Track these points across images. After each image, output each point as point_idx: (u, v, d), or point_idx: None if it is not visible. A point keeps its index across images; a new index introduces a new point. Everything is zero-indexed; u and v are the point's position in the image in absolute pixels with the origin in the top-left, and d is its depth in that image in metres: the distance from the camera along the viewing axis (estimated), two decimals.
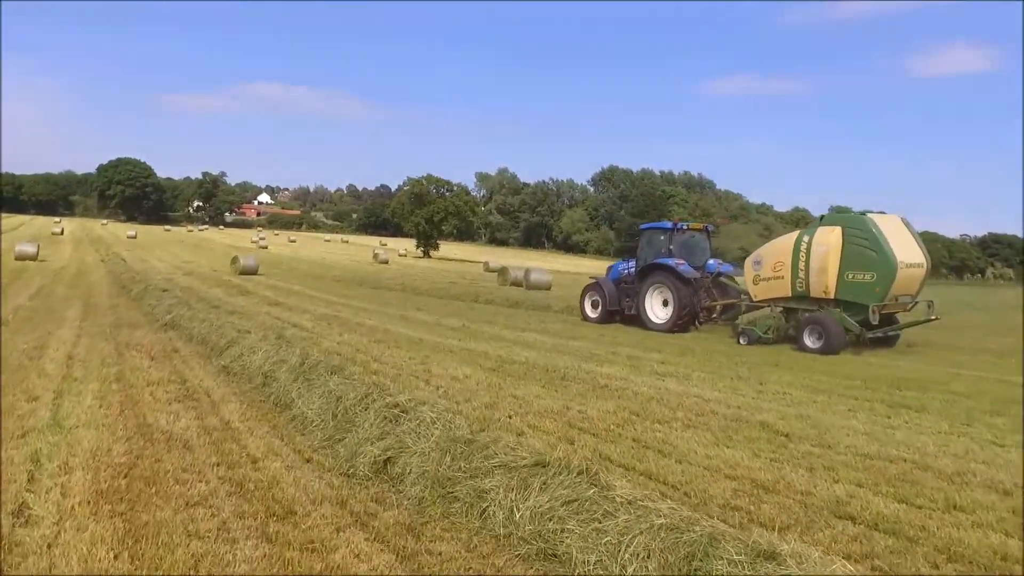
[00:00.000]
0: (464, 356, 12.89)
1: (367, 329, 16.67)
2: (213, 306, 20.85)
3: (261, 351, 10.60)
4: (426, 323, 18.34)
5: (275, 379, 9.25)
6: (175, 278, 31.96)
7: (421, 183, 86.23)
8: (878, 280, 13.79)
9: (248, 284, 30.43)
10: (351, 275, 40.38)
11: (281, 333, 12.53)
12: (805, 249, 14.76)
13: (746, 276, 16.53)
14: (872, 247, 13.87)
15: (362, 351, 13.08)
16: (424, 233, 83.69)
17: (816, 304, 14.91)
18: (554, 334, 16.75)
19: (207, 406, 8.66)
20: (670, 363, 12.73)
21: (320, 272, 41.81)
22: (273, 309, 20.57)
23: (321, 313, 19.85)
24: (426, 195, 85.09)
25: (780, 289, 15.40)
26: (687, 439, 7.48)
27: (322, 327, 16.69)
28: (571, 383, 10.57)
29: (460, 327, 17.48)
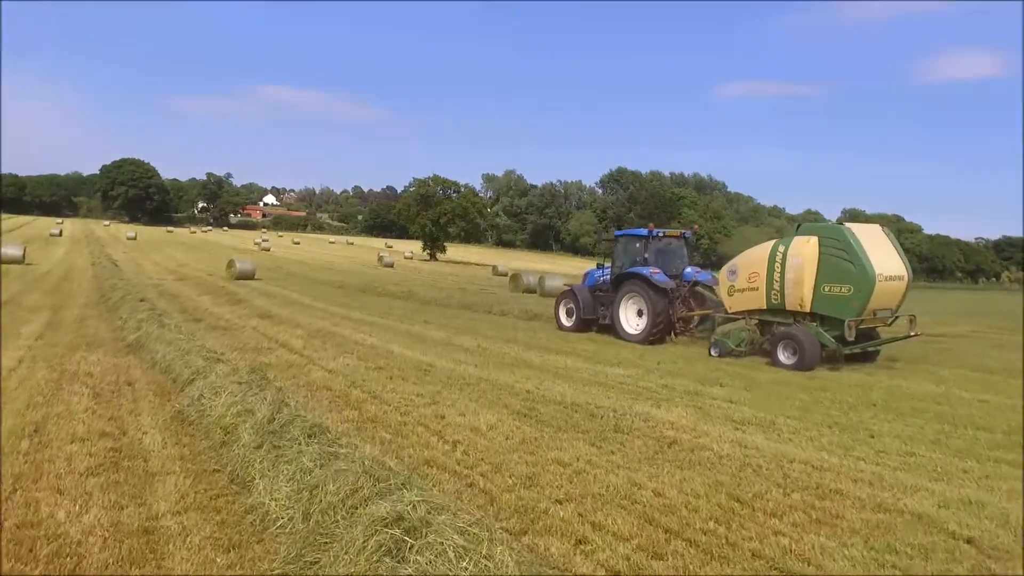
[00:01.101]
0: (484, 391, 10.46)
1: (366, 350, 14.27)
2: (195, 319, 18.60)
3: (226, 392, 8.18)
4: (436, 341, 15.92)
5: (236, 438, 6.84)
6: (164, 284, 29.69)
7: (427, 184, 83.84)
8: (855, 293, 13.10)
9: (241, 291, 28.07)
10: (354, 280, 38.01)
11: (255, 366, 10.03)
12: (780, 259, 14.05)
13: (721, 286, 15.84)
14: (849, 258, 13.16)
15: (358, 384, 10.66)
16: (430, 235, 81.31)
17: (791, 317, 14.23)
18: (587, 357, 14.30)
19: (136, 482, 6.25)
20: (740, 401, 10.27)
21: (321, 277, 39.42)
22: (262, 323, 18.20)
23: (316, 328, 17.46)
24: (432, 196, 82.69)
25: (755, 301, 14.72)
26: (831, 553, 5.03)
27: (314, 347, 14.29)
28: (628, 436, 8.13)
29: (475, 348, 15.06)
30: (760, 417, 9.28)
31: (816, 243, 13.64)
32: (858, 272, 13.04)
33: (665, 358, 14.36)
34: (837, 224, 13.99)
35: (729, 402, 10.19)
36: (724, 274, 15.61)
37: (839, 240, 13.36)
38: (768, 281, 14.31)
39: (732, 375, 12.56)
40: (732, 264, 15.53)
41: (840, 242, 13.33)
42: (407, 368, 12.31)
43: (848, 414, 9.65)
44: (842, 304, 13.28)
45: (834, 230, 13.77)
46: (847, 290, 13.18)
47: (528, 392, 10.50)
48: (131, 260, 46.41)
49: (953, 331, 23.12)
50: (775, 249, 14.31)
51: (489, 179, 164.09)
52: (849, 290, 13.17)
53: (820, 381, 12.25)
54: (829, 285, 13.43)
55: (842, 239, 13.33)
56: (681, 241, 18.25)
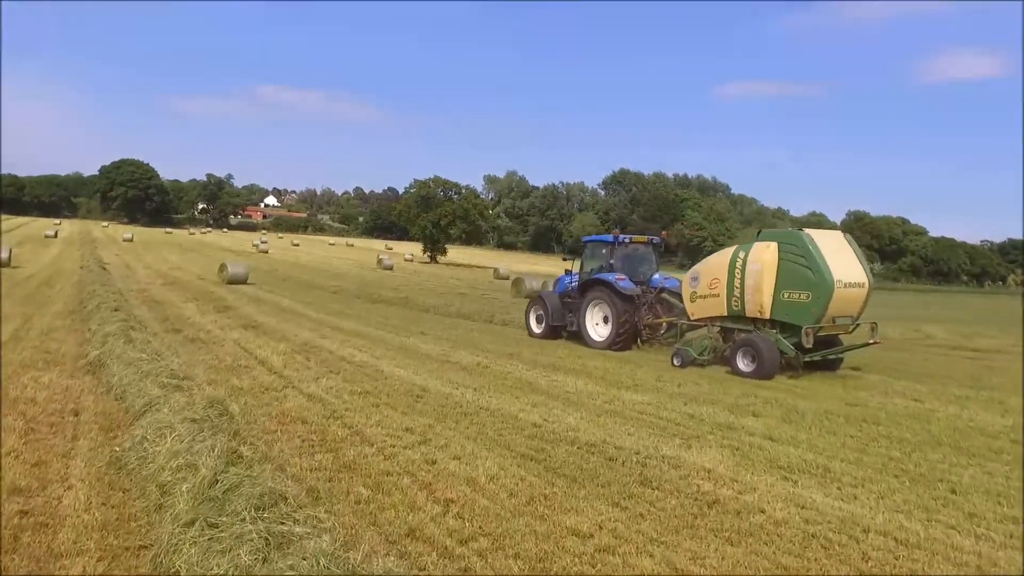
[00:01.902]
0: (484, 426, 9.04)
1: (354, 369, 12.85)
2: (174, 329, 17.20)
3: (173, 435, 6.76)
4: (431, 357, 14.50)
5: (170, 503, 5.42)
6: (151, 289, 28.27)
7: (428, 185, 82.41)
8: (813, 300, 12.91)
9: (231, 296, 26.68)
10: (350, 285, 36.59)
11: (214, 398, 8.55)
12: (740, 266, 13.88)
13: (684, 293, 15.63)
14: (808, 265, 12.97)
15: (338, 415, 9.24)
16: (431, 237, 79.85)
17: (752, 324, 14.00)
18: (599, 377, 12.87)
19: (33, 568, 4.83)
20: (782, 439, 8.84)
21: (316, 281, 37.99)
22: (245, 335, 16.79)
23: (302, 341, 16.05)
24: (433, 198, 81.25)
25: (716, 308, 14.55)
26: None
27: (296, 365, 12.88)
28: (659, 492, 6.71)
29: (474, 366, 13.64)
30: (810, 461, 7.85)
31: (776, 249, 13.40)
32: (817, 279, 12.80)
33: (686, 380, 12.92)
34: (797, 230, 13.71)
35: (769, 439, 8.76)
36: (687, 280, 15.38)
37: (798, 246, 13.12)
38: (729, 288, 14.08)
39: (765, 402, 11.12)
40: (694, 270, 15.30)
41: (799, 248, 13.09)
42: (397, 392, 10.89)
43: (912, 456, 8.22)
44: (801, 311, 13.03)
45: (793, 236, 13.50)
46: (806, 297, 12.96)
47: (535, 426, 9.07)
48: (122, 263, 45.00)
49: (988, 345, 21.58)
50: (735, 255, 14.03)
51: (491, 180, 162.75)
52: (808, 297, 12.94)
53: (866, 410, 10.82)
54: (788, 292, 13.20)
55: (801, 245, 13.08)
56: (649, 247, 17.98)
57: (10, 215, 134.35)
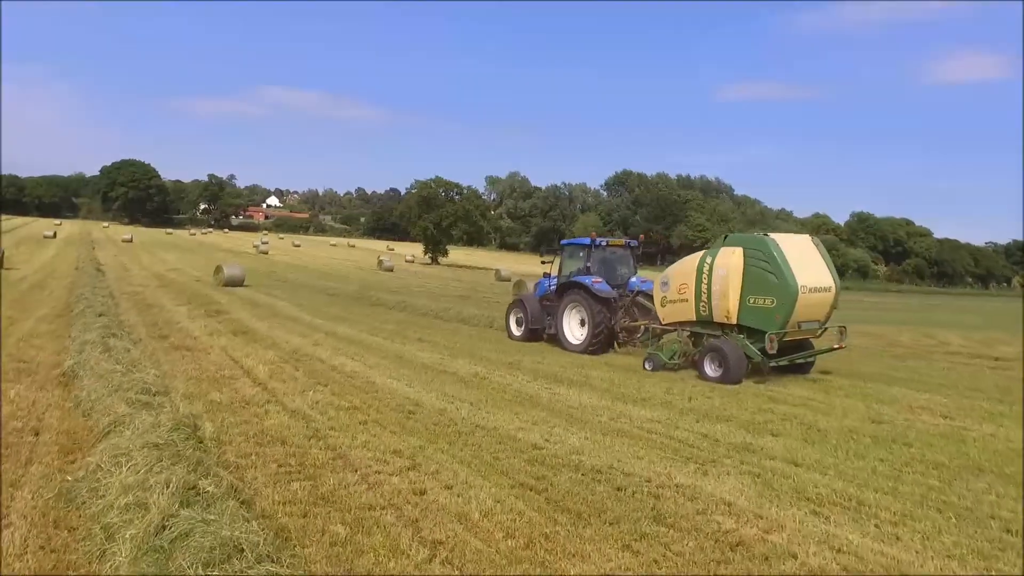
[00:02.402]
0: (480, 447, 8.28)
1: (344, 380, 12.11)
2: (160, 336, 16.48)
3: (130, 464, 6.03)
4: (427, 367, 13.75)
5: (113, 551, 4.67)
6: (144, 291, 27.55)
7: (429, 186, 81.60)
8: (778, 305, 12.89)
9: (225, 299, 25.96)
10: (349, 287, 35.87)
11: (180, 421, 7.73)
12: (708, 271, 13.89)
13: (655, 297, 15.61)
14: (772, 270, 12.95)
15: (321, 435, 8.49)
16: (432, 238, 79.10)
17: (720, 329, 14.00)
18: (604, 390, 12.11)
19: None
20: (807, 463, 8.05)
21: (315, 283, 37.25)
22: (233, 341, 16.06)
23: (292, 348, 15.33)
24: (434, 199, 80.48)
25: (685, 312, 14.55)
26: None
27: (283, 376, 12.14)
28: (674, 531, 5.94)
29: (472, 376, 12.89)
30: (840, 491, 7.08)
31: (741, 255, 13.41)
32: (780, 284, 12.79)
33: (696, 393, 12.15)
34: (762, 236, 13.61)
35: (792, 464, 7.98)
36: (658, 285, 15.42)
37: (762, 251, 13.12)
38: (697, 293, 14.12)
39: (783, 418, 10.35)
40: (665, 275, 15.34)
41: (763, 253, 13.08)
42: (388, 407, 10.13)
43: (953, 486, 7.44)
44: (766, 316, 13.06)
45: (758, 242, 13.43)
46: (770, 302, 12.97)
47: (535, 448, 8.31)
48: (119, 264, 44.30)
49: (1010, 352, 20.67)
50: (703, 261, 14.08)
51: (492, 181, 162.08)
52: (772, 302, 12.94)
53: (893, 429, 10.03)
54: (754, 297, 13.22)
55: (765, 251, 13.07)
56: (627, 251, 18.02)
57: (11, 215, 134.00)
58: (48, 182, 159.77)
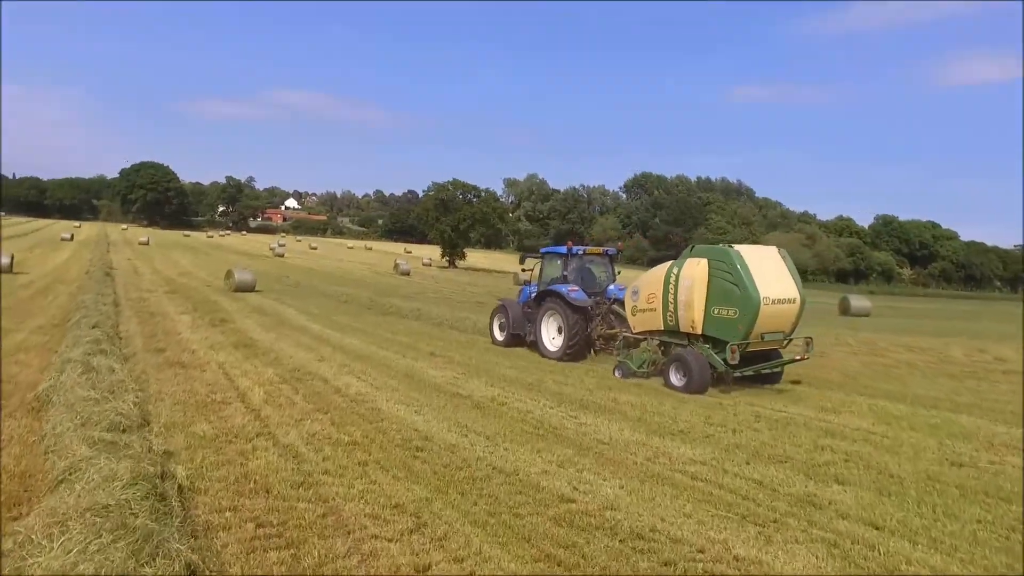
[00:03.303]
0: (498, 497, 7.04)
1: (347, 405, 10.92)
2: (156, 349, 15.41)
3: (59, 541, 4.84)
4: (439, 389, 12.54)
5: None
6: (151, 297, 26.58)
7: (447, 188, 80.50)
8: (740, 316, 13.01)
9: (233, 306, 24.93)
10: (363, 293, 34.75)
11: (141, 475, 6.47)
12: (674, 281, 14.04)
13: (626, 306, 15.66)
14: (734, 281, 13.08)
15: (313, 482, 7.29)
16: (450, 241, 78.00)
17: (686, 339, 14.12)
18: (635, 419, 10.81)
19: None
20: (886, 526, 6.70)
21: (328, 289, 36.14)
22: (233, 356, 14.96)
23: (295, 364, 14.19)
24: (452, 201, 79.39)
25: (653, 322, 14.68)
26: None
27: (280, 400, 10.98)
28: None
29: (489, 401, 11.65)
30: (941, 569, 5.75)
31: (706, 265, 13.54)
32: (743, 295, 12.89)
33: (740, 423, 10.82)
34: (726, 247, 13.67)
35: (872, 526, 6.65)
36: (628, 294, 15.49)
37: (725, 262, 13.23)
38: (664, 302, 14.25)
39: (846, 458, 9.00)
40: (635, 284, 15.40)
41: (727, 264, 13.20)
42: (392, 443, 8.92)
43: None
44: (729, 327, 13.17)
45: (721, 253, 13.52)
46: (733, 313, 13.08)
47: (563, 500, 7.04)
48: (131, 267, 43.54)
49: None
50: (670, 271, 14.19)
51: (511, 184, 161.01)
52: (735, 313, 13.04)
53: (981, 475, 8.61)
54: (718, 308, 13.35)
55: (728, 262, 13.18)
56: (605, 259, 18.25)
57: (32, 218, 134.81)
58: (69, 184, 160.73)
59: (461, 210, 77.36)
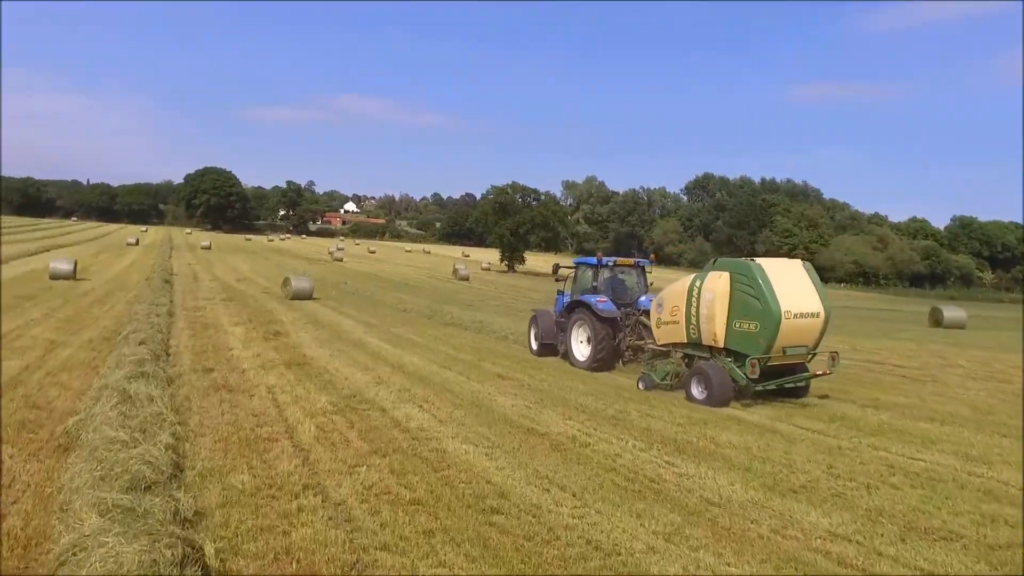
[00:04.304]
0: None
1: (408, 443, 9.56)
2: (204, 368, 14.41)
3: None
4: (511, 423, 11.10)
5: None
6: (207, 306, 25.87)
7: (506, 191, 79.33)
8: (761, 330, 12.89)
9: (288, 316, 24.01)
10: (422, 301, 33.59)
11: (158, 559, 5.23)
12: (696, 294, 14.02)
13: (651, 318, 15.65)
14: (755, 295, 12.96)
15: (368, 561, 5.90)
16: (509, 245, 76.74)
17: (709, 352, 14.03)
18: (742, 467, 9.16)
19: None
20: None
21: (386, 297, 35.09)
22: (285, 377, 13.83)
23: (351, 389, 12.94)
24: (511, 204, 78.11)
25: (677, 334, 14.64)
26: None
27: (332, 438, 9.69)
28: None
29: (571, 440, 10.14)
30: None
31: (728, 279, 13.46)
32: (763, 309, 12.77)
33: (872, 475, 9.03)
34: (748, 260, 13.58)
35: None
36: (654, 306, 15.46)
37: (747, 276, 13.14)
38: (687, 315, 14.21)
39: (944, 497, 7.21)
40: (660, 296, 15.38)
41: (748, 278, 13.11)
42: (463, 502, 7.48)
43: None
44: (750, 341, 13.06)
45: (743, 266, 13.43)
46: (754, 327, 12.96)
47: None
48: (191, 273, 43.39)
49: None
50: (693, 283, 14.17)
51: (569, 186, 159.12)
52: (756, 327, 12.93)
53: None
54: (739, 321, 13.25)
55: (749, 275, 13.08)
56: (637, 270, 18.34)
57: (102, 222, 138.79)
58: (137, 190, 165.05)
59: (520, 213, 76.05)
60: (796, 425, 11.72)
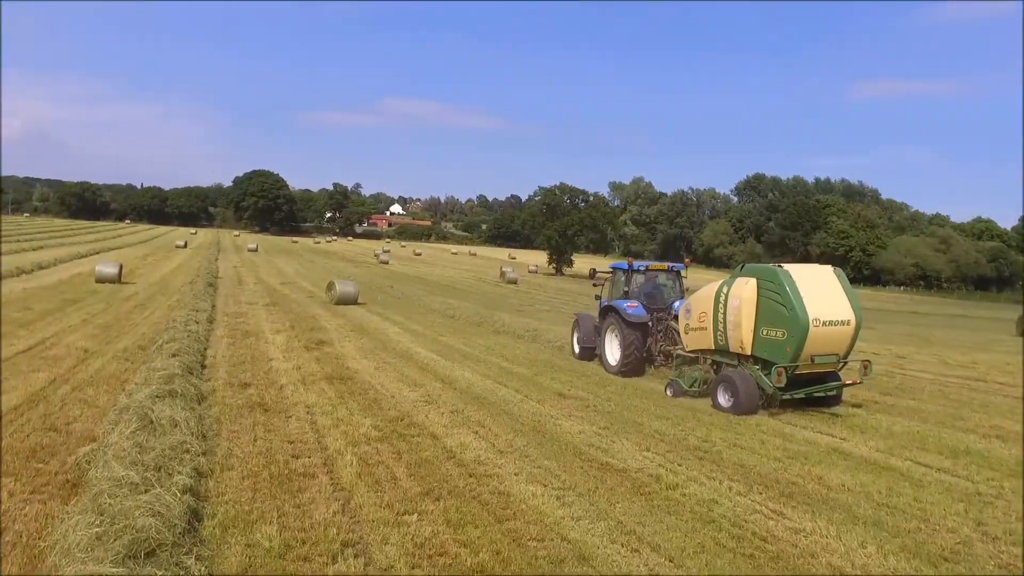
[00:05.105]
0: None
1: (465, 482, 8.19)
2: (241, 384, 13.25)
3: None
4: (580, 454, 9.66)
5: None
6: (250, 311, 24.95)
7: (554, 193, 77.79)
8: (787, 338, 12.54)
9: (333, 323, 22.93)
10: (470, 306, 32.25)
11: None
12: (723, 300, 13.73)
13: (680, 324, 15.51)
14: (782, 302, 12.62)
15: None
16: (557, 247, 75.19)
17: (736, 359, 13.74)
18: (870, 520, 7.54)
19: None
20: None
21: (434, 303, 33.79)
22: (327, 395, 12.61)
23: (398, 411, 11.63)
24: (559, 206, 76.56)
25: (705, 341, 14.42)
26: None
27: (376, 474, 8.36)
28: None
29: (653, 481, 8.64)
30: None
31: (755, 285, 13.25)
32: (790, 316, 12.53)
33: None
34: (775, 267, 13.35)
35: None
36: (682, 312, 15.34)
37: (773, 283, 12.92)
38: (714, 321, 14.00)
39: None
40: (687, 302, 15.29)
41: (774, 284, 12.89)
42: (536, 566, 6.05)
43: None
44: (777, 348, 12.82)
45: (770, 273, 13.21)
46: (781, 334, 12.74)
47: None
48: (236, 276, 42.82)
49: None
50: (720, 290, 13.94)
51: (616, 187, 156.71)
52: (783, 334, 12.71)
53: None
54: (766, 328, 13.01)
55: (776, 282, 12.85)
56: (671, 275, 18.35)
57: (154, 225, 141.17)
58: (188, 193, 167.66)
59: (569, 215, 74.45)
60: (914, 461, 10.03)
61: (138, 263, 48.41)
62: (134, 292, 30.54)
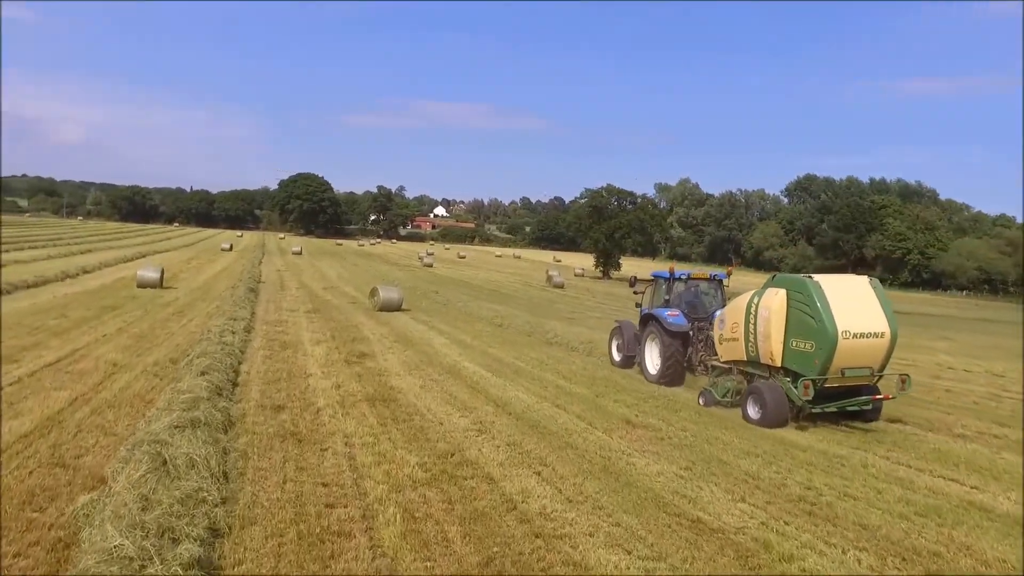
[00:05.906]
0: None
1: (530, 541, 6.80)
2: (273, 406, 12.01)
3: None
4: (662, 502, 8.14)
5: None
6: (289, 319, 23.86)
7: (601, 195, 75.99)
8: (816, 350, 12.32)
9: (375, 333, 21.70)
10: (518, 313, 30.78)
11: None
12: (754, 311, 13.57)
13: (714, 334, 15.32)
14: (811, 313, 12.41)
15: None
16: (604, 250, 73.38)
17: (767, 371, 13.52)
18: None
19: None
20: None
21: (479, 307, 32.43)
22: (367, 421, 11.30)
23: (447, 445, 10.24)
24: (606, 208, 74.74)
25: (737, 351, 14.21)
26: None
27: (423, 530, 6.98)
28: None
29: (761, 543, 7.08)
30: None
31: (784, 296, 13.08)
32: (819, 328, 12.26)
33: None
34: (805, 277, 13.01)
35: None
36: (716, 322, 15.27)
37: (803, 294, 12.69)
38: (745, 332, 13.87)
39: None
40: (722, 312, 15.26)
41: (804, 296, 12.67)
42: None
43: None
44: (806, 360, 12.56)
45: (800, 283, 12.97)
46: (810, 346, 12.48)
47: None
48: (279, 280, 42.03)
49: None
50: (751, 300, 13.82)
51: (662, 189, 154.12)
52: (811, 346, 12.45)
53: None
54: (796, 340, 12.78)
55: (805, 293, 12.63)
56: (714, 283, 18.23)
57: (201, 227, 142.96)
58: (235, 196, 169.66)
59: (616, 217, 72.59)
60: None
61: (182, 267, 48.01)
62: (174, 298, 29.72)
